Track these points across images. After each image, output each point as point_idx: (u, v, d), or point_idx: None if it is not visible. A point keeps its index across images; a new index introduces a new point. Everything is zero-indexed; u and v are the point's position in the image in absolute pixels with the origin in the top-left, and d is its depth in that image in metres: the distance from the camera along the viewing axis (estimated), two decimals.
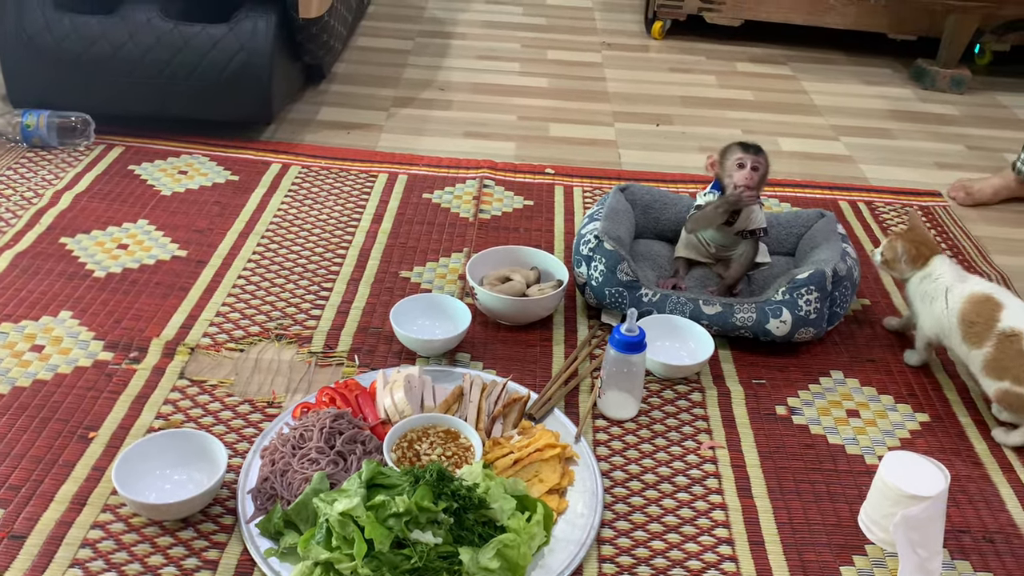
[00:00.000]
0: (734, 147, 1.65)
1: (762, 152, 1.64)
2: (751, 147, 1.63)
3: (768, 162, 1.65)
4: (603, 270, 1.60)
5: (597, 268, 1.60)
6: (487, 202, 2.05)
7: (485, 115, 2.55)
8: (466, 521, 1.11)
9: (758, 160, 1.62)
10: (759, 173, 1.62)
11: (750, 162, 1.61)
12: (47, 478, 1.24)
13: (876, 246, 1.98)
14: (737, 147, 1.64)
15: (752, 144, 1.64)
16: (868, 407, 1.50)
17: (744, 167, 1.61)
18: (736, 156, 1.63)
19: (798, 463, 1.37)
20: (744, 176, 1.61)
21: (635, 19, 3.47)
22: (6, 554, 1.13)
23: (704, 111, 2.68)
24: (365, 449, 1.25)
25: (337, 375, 1.48)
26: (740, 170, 1.62)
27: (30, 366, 1.44)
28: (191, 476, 1.22)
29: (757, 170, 1.62)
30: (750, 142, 1.65)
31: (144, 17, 2.11)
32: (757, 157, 1.62)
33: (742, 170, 1.61)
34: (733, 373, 1.55)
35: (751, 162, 1.61)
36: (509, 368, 1.52)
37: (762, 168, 1.63)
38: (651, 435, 1.40)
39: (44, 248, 1.75)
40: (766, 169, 1.64)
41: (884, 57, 3.19)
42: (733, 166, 1.63)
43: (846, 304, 1.63)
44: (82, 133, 2.13)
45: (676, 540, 1.23)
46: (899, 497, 1.19)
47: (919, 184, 2.30)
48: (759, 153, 1.63)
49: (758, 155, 1.63)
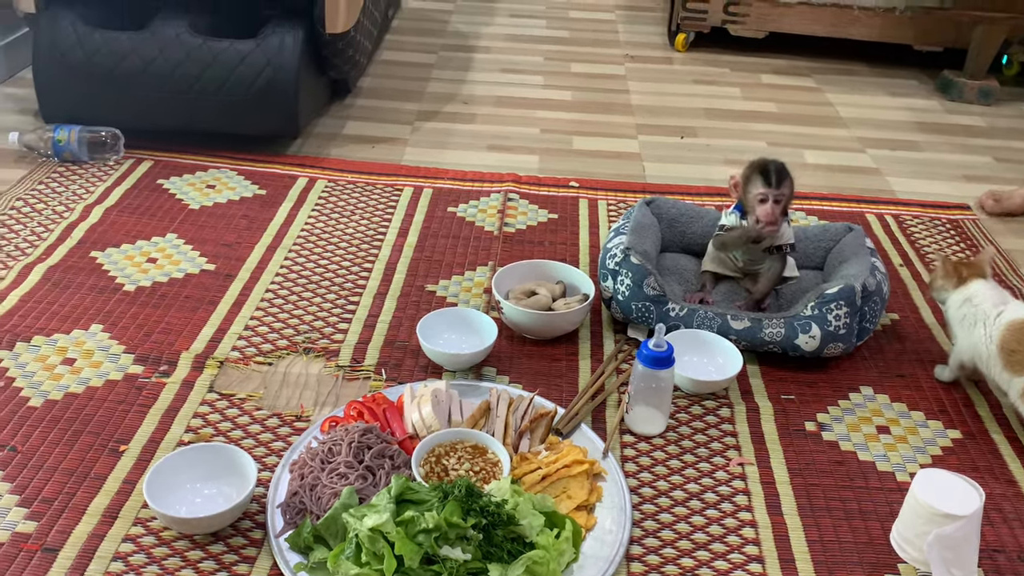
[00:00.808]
0: (756, 177, 1.58)
1: (786, 178, 1.58)
2: (773, 176, 1.57)
3: (792, 184, 1.60)
4: (630, 284, 1.59)
5: (623, 282, 1.60)
6: (512, 215, 2.06)
7: (509, 128, 2.55)
8: (495, 537, 1.10)
9: (780, 193, 1.57)
10: (782, 205, 1.58)
11: (772, 196, 1.57)
12: (79, 491, 1.25)
13: (904, 260, 1.97)
14: (759, 178, 1.57)
15: (775, 169, 1.57)
16: (899, 423, 1.49)
17: (766, 202, 1.57)
18: (758, 191, 1.57)
19: (828, 480, 1.36)
20: (766, 212, 1.57)
21: (658, 31, 3.47)
22: (40, 567, 1.14)
23: (728, 123, 2.67)
24: (394, 464, 1.25)
25: (364, 389, 1.48)
26: (762, 205, 1.57)
27: (62, 379, 1.46)
28: (221, 490, 1.23)
29: (780, 203, 1.58)
30: (772, 165, 1.58)
31: (173, 32, 2.14)
32: (779, 190, 1.57)
33: (764, 205, 1.57)
34: (762, 388, 1.54)
35: (773, 196, 1.57)
36: (535, 383, 1.51)
37: (785, 199, 1.58)
38: (679, 451, 1.40)
39: (75, 262, 1.77)
40: (790, 193, 1.60)
41: (910, 69, 3.17)
42: (755, 200, 1.59)
43: (876, 319, 1.61)
44: (112, 148, 2.16)
45: (706, 558, 1.22)
46: (933, 515, 1.18)
47: (947, 197, 2.28)
48: (781, 184, 1.57)
49: (780, 186, 1.57)
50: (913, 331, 1.72)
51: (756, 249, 1.64)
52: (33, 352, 1.51)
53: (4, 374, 1.46)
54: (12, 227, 1.88)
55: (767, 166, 1.58)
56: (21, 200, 1.98)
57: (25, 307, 1.62)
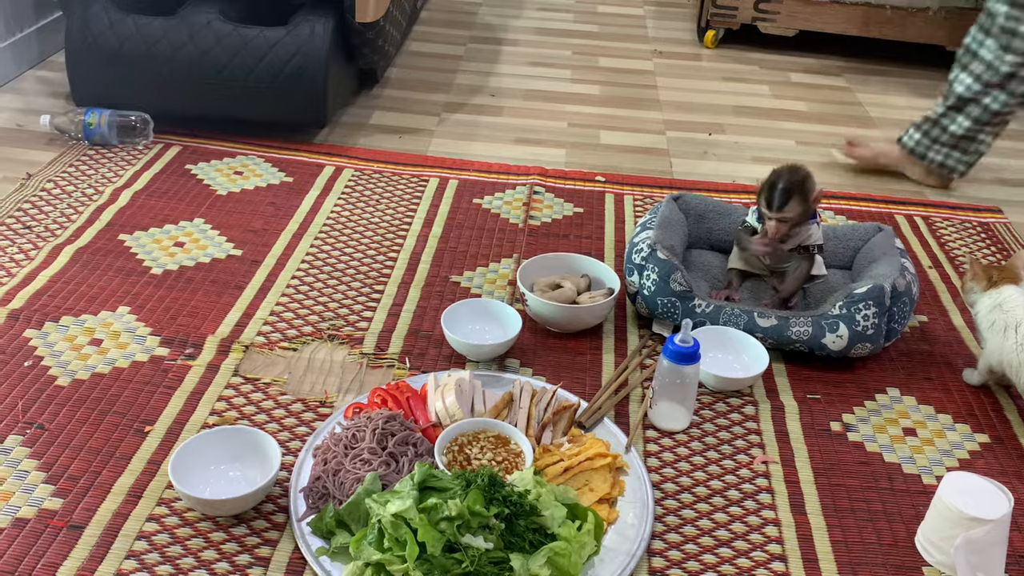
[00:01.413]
0: (761, 197, 1.58)
1: (790, 199, 1.54)
2: (776, 199, 1.55)
3: (803, 201, 1.55)
4: (656, 279, 1.58)
5: (649, 277, 1.59)
6: (537, 208, 2.05)
7: (536, 122, 2.55)
8: (517, 527, 1.10)
9: (782, 216, 1.55)
10: (788, 225, 1.57)
11: (774, 219, 1.56)
12: (104, 470, 1.26)
13: (934, 262, 1.95)
14: (763, 198, 1.57)
15: (780, 191, 1.54)
16: (925, 426, 1.47)
17: (771, 221, 1.57)
18: (762, 210, 1.58)
19: (853, 481, 1.35)
20: (770, 229, 1.58)
21: (687, 27, 3.45)
22: (65, 543, 1.15)
23: (757, 121, 2.65)
24: (417, 451, 1.25)
25: (388, 377, 1.49)
26: (768, 223, 1.58)
27: (89, 359, 1.47)
28: (245, 473, 1.23)
29: (785, 222, 1.57)
30: (779, 186, 1.55)
31: (205, 19, 2.14)
32: (780, 213, 1.55)
33: (769, 223, 1.58)
34: (787, 387, 1.53)
35: (775, 219, 1.56)
36: (559, 375, 1.51)
37: (790, 220, 1.56)
38: (703, 447, 1.39)
39: (104, 244, 1.79)
40: (803, 211, 1.57)
41: (941, 69, 3.11)
42: (762, 215, 1.60)
43: (904, 320, 1.59)
44: (141, 132, 2.17)
45: (728, 555, 1.21)
46: (960, 519, 1.16)
47: (978, 199, 2.26)
48: (783, 207, 1.55)
49: (781, 210, 1.55)
50: (942, 333, 1.70)
51: (782, 249, 1.63)
52: (61, 332, 1.52)
53: (33, 353, 1.47)
54: (42, 208, 1.89)
55: (775, 186, 1.56)
56: (51, 182, 2.00)
57: (54, 288, 1.64)
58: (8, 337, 1.50)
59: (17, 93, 2.45)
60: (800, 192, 1.56)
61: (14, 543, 1.14)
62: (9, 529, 1.16)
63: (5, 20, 2.48)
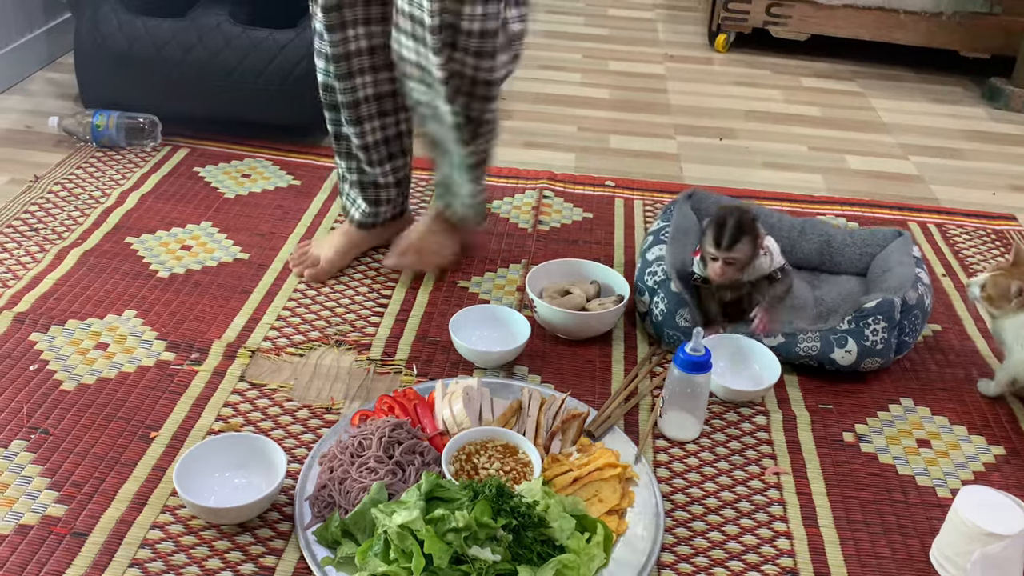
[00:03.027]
0: (708, 233, 1.45)
1: (741, 239, 1.44)
2: (725, 237, 1.43)
3: (754, 242, 1.46)
4: (664, 309, 1.56)
5: (658, 306, 1.57)
6: (546, 213, 2.04)
7: (545, 125, 2.53)
8: (525, 539, 1.08)
9: (730, 256, 1.45)
10: (736, 265, 1.47)
11: (721, 258, 1.46)
12: (109, 476, 1.25)
13: (947, 270, 1.92)
14: (710, 235, 1.44)
15: (730, 228, 1.43)
16: (939, 437, 1.45)
17: (716, 261, 1.46)
18: (707, 248, 1.46)
19: (866, 493, 1.33)
20: (714, 271, 1.47)
21: (698, 31, 3.43)
22: (68, 551, 1.14)
23: (769, 126, 2.63)
24: (423, 460, 1.23)
25: (395, 383, 1.47)
26: (712, 263, 1.47)
27: (95, 364, 1.46)
28: (250, 480, 1.22)
29: (733, 263, 1.46)
30: (730, 223, 1.44)
31: (214, 21, 2.14)
32: (729, 253, 1.44)
33: (713, 264, 1.47)
34: (799, 397, 1.51)
35: (722, 258, 1.45)
36: (567, 383, 1.49)
37: (736, 263, 1.46)
38: (713, 458, 1.37)
39: (110, 247, 1.78)
40: (750, 253, 1.46)
41: (955, 75, 3.11)
42: (707, 255, 1.47)
43: (916, 333, 1.57)
44: (149, 134, 2.16)
45: (739, 568, 1.19)
46: (977, 534, 1.14)
47: (992, 207, 2.23)
48: (732, 246, 1.44)
49: (730, 249, 1.44)
50: (956, 343, 1.68)
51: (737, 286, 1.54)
52: (67, 336, 1.52)
53: (38, 357, 1.46)
54: (49, 211, 1.89)
55: (724, 223, 1.45)
56: (59, 184, 1.99)
57: (60, 291, 1.63)
58: (14, 341, 1.49)
59: (26, 94, 2.45)
60: (751, 232, 1.46)
61: (17, 550, 1.13)
62: (12, 536, 1.15)
63: (14, 21, 2.48)
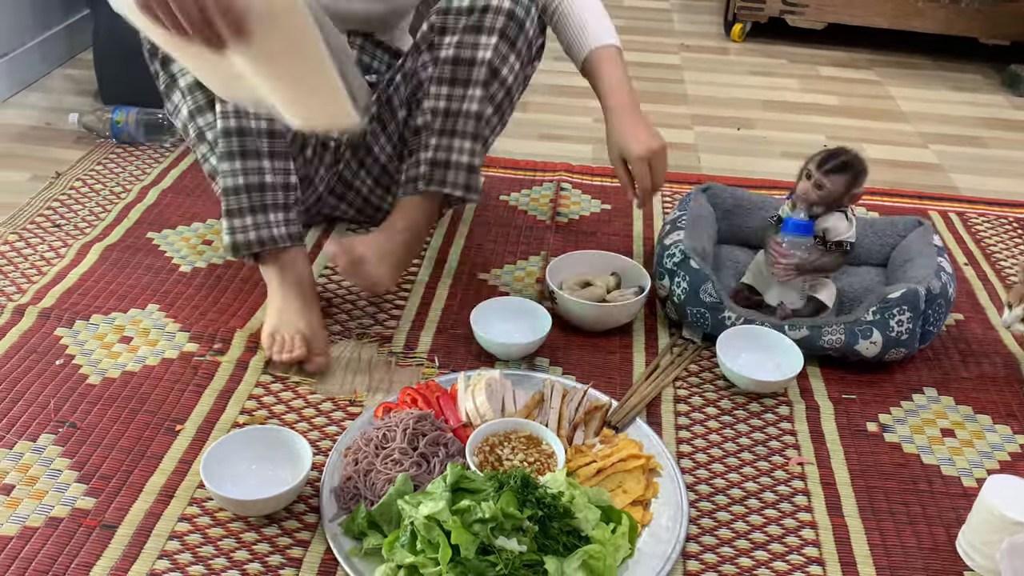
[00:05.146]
0: (815, 157, 1.51)
1: (844, 171, 1.49)
2: (830, 160, 1.49)
3: (851, 181, 1.50)
4: (686, 288, 1.55)
5: (680, 285, 1.56)
6: (564, 205, 2.03)
7: (561, 117, 2.53)
8: (551, 530, 1.09)
9: (823, 178, 1.49)
10: (823, 193, 1.50)
11: (814, 177, 1.49)
12: (136, 469, 1.26)
13: (969, 259, 1.90)
14: (816, 158, 1.51)
15: (842, 160, 1.49)
16: (964, 427, 1.44)
17: (810, 178, 1.50)
18: (810, 166, 1.51)
19: (891, 483, 1.32)
20: (803, 187, 1.51)
21: (714, 21, 3.42)
22: (98, 543, 1.15)
23: (786, 115, 2.62)
24: (448, 452, 1.24)
25: (417, 375, 1.48)
26: (805, 180, 1.51)
27: (119, 357, 1.47)
28: (276, 473, 1.23)
29: (821, 188, 1.50)
30: (839, 153, 1.50)
31: None
32: (824, 174, 1.49)
33: (804, 181, 1.51)
34: (822, 388, 1.50)
35: (815, 178, 1.49)
36: (589, 374, 1.49)
37: (828, 191, 1.49)
38: (737, 448, 1.37)
39: (132, 242, 1.79)
40: (844, 189, 1.50)
41: (974, 63, 3.08)
42: (802, 173, 1.52)
43: (939, 323, 1.56)
44: (169, 130, 2.17)
45: (764, 558, 1.19)
46: (1004, 524, 1.13)
47: (1014, 195, 2.21)
48: (832, 171, 1.48)
49: (829, 174, 1.48)
50: (979, 332, 1.67)
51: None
52: (92, 330, 1.53)
53: (64, 351, 1.47)
54: (71, 207, 1.90)
55: (836, 153, 1.51)
56: (80, 180, 2.00)
57: (84, 286, 1.64)
58: (39, 336, 1.51)
59: (45, 91, 2.46)
60: (854, 172, 1.50)
61: (48, 542, 1.14)
62: (43, 528, 1.16)
63: (33, 19, 2.49)
